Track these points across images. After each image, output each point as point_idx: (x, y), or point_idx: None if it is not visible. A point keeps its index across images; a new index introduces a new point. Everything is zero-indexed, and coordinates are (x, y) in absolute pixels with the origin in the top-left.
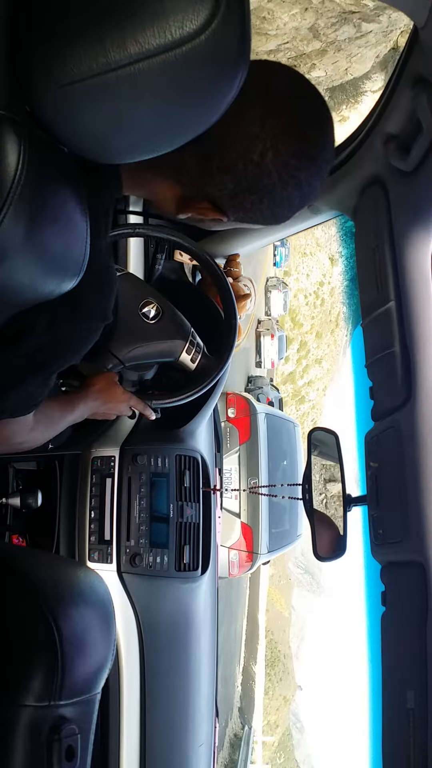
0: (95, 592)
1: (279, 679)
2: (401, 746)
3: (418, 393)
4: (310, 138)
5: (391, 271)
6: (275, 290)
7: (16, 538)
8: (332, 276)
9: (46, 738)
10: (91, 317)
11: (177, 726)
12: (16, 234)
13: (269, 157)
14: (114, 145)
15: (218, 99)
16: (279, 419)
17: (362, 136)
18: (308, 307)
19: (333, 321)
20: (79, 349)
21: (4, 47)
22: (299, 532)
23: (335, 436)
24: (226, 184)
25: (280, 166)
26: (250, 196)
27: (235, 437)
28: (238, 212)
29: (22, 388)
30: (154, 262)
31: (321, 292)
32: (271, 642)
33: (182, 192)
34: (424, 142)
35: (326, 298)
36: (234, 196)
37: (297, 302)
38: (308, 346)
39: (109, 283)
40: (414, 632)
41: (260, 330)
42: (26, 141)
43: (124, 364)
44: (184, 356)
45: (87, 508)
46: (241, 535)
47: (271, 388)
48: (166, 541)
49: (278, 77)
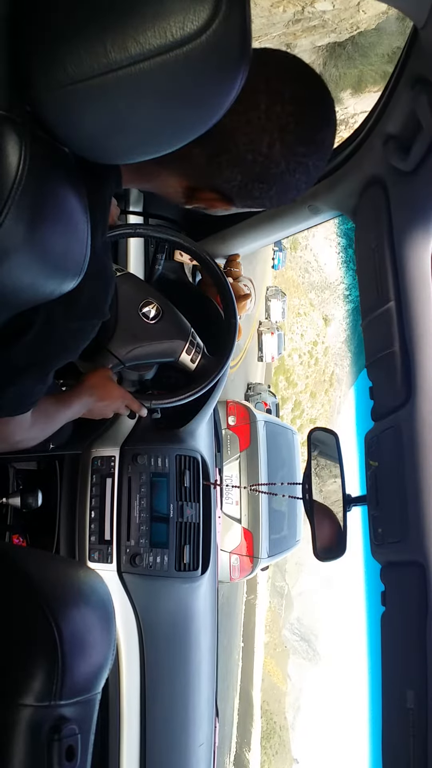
0: (95, 592)
1: (275, 752)
2: (401, 746)
3: (418, 393)
4: (316, 124)
5: (391, 271)
6: (274, 299)
7: (16, 538)
8: (326, 336)
9: (47, 738)
10: (88, 314)
11: (177, 726)
12: (17, 234)
13: (277, 147)
14: (115, 146)
15: (219, 99)
16: (278, 427)
17: (362, 136)
18: (302, 367)
19: (327, 380)
20: (75, 346)
21: (5, 48)
22: (298, 538)
23: (335, 436)
24: (235, 176)
25: (288, 154)
26: (259, 185)
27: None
28: (246, 200)
29: (19, 386)
30: (154, 262)
31: (315, 352)
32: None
33: (189, 184)
34: (424, 142)
35: (320, 357)
36: (243, 186)
37: (291, 361)
38: (302, 405)
39: (106, 281)
40: (414, 632)
41: (261, 329)
42: (27, 141)
43: (124, 364)
44: (184, 356)
45: (87, 508)
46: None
47: (269, 394)
48: (166, 541)
49: (279, 66)
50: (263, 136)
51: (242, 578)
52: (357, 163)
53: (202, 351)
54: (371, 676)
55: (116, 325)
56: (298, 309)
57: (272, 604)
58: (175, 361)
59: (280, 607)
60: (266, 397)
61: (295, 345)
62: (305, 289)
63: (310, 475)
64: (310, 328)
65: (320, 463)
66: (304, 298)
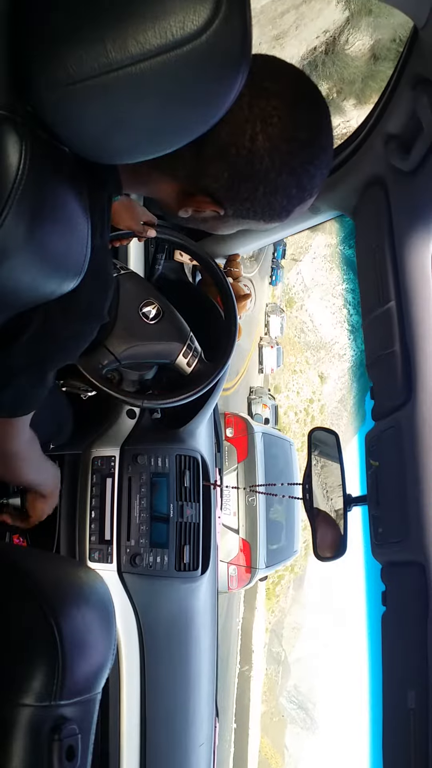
0: (96, 592)
1: None
2: (401, 746)
3: (418, 393)
4: (301, 122)
5: (391, 271)
6: (273, 315)
7: (16, 538)
8: (322, 393)
9: (47, 738)
10: (87, 316)
11: (177, 726)
12: (17, 234)
13: (259, 141)
14: (115, 146)
15: (220, 99)
16: (275, 438)
17: (362, 136)
18: (299, 425)
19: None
20: (74, 347)
21: (6, 47)
22: (296, 549)
23: (335, 436)
24: (221, 173)
25: (271, 150)
26: (245, 185)
27: (233, 456)
28: (235, 203)
29: (17, 386)
30: (154, 262)
31: (311, 410)
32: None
33: (181, 187)
34: (425, 142)
35: (316, 415)
36: (230, 186)
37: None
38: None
39: (106, 283)
40: (414, 632)
41: (262, 343)
42: (28, 141)
43: (120, 362)
44: (181, 359)
45: (87, 508)
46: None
47: (269, 397)
48: (166, 540)
49: (267, 63)
50: (245, 128)
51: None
52: (357, 162)
53: (199, 356)
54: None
55: (115, 323)
56: (294, 366)
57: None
58: (171, 364)
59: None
60: (266, 400)
61: (291, 402)
62: (301, 347)
63: (311, 475)
64: (306, 386)
65: (321, 463)
66: (300, 356)
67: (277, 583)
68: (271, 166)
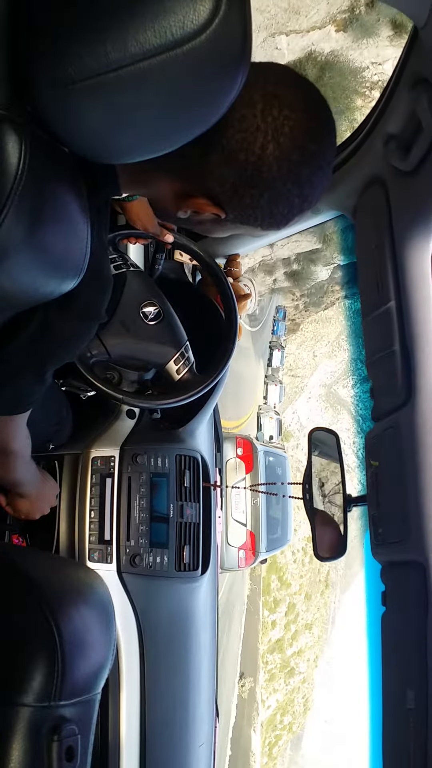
0: (95, 593)
1: None
2: (401, 746)
3: (418, 393)
4: (312, 133)
5: (391, 271)
6: (272, 384)
7: (16, 538)
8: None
9: (46, 738)
10: (86, 316)
11: (177, 726)
12: (17, 234)
13: (270, 149)
14: (115, 145)
15: (220, 99)
16: (273, 454)
17: (362, 136)
18: (296, 565)
19: (322, 581)
20: (72, 347)
21: (6, 47)
22: (289, 538)
23: (335, 436)
24: (227, 177)
25: (281, 159)
26: (250, 191)
27: (242, 469)
28: (237, 208)
29: (16, 385)
30: (154, 262)
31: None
32: None
33: (181, 187)
34: (424, 142)
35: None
36: (235, 191)
37: (284, 559)
38: (297, 608)
39: (105, 283)
40: (414, 632)
41: (267, 381)
42: (27, 141)
43: (110, 355)
44: (171, 365)
45: (87, 508)
46: (247, 538)
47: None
48: (166, 541)
49: (280, 73)
50: (257, 136)
51: (247, 566)
52: (357, 163)
53: (190, 366)
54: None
55: (113, 317)
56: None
57: None
58: (161, 368)
59: None
60: (272, 414)
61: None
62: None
63: (311, 475)
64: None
65: (320, 463)
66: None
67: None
68: (278, 174)
